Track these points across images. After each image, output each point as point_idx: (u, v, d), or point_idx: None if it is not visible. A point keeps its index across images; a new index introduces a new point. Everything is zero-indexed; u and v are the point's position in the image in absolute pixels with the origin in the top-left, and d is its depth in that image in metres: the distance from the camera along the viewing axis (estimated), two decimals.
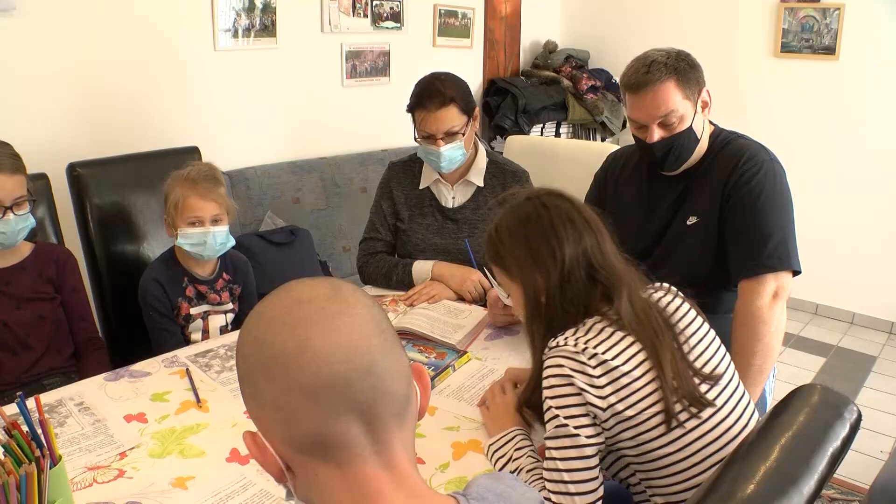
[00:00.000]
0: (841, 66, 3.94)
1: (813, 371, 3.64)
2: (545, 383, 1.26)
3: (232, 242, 2.07)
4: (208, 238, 2.01)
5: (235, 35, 3.15)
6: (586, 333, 1.26)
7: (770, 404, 1.98)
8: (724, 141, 1.92)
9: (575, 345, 1.24)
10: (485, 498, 0.78)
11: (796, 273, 1.83)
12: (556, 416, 1.23)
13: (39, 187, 2.23)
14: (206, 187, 2.01)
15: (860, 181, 3.99)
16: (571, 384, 1.22)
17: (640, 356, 1.25)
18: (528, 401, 1.42)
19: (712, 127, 1.96)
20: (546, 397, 1.26)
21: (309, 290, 0.76)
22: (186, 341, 2.06)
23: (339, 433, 0.71)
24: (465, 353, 1.85)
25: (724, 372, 1.33)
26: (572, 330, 1.28)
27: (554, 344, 1.27)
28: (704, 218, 1.89)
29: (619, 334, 1.26)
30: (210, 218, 2.01)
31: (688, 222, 1.92)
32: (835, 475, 2.68)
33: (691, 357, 1.30)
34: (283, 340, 0.72)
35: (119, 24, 2.77)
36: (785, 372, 3.51)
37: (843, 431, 0.94)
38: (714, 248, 1.89)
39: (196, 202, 1.99)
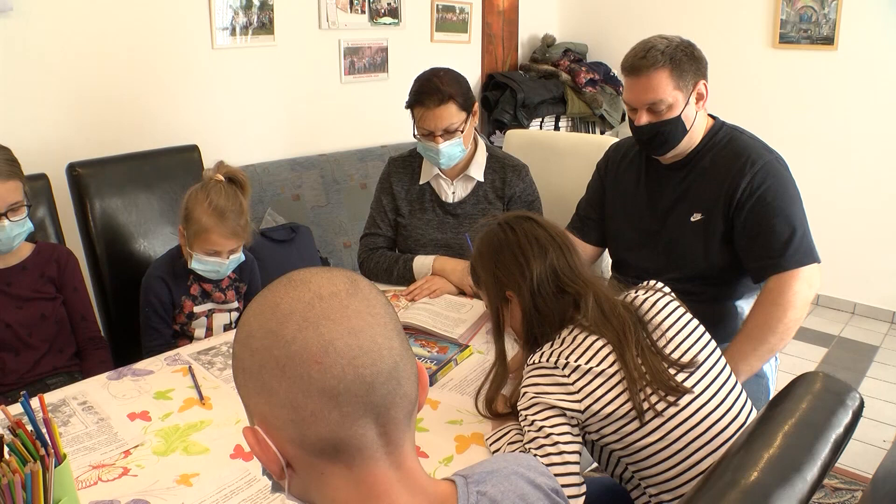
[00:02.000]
0: (839, 56, 3.93)
1: (815, 361, 3.64)
2: (522, 399, 1.34)
3: (243, 258, 2.06)
4: (222, 268, 2.00)
5: (233, 33, 3.15)
6: (561, 345, 1.35)
7: (773, 394, 1.98)
8: (725, 137, 1.94)
9: (547, 359, 1.33)
10: (485, 481, 0.77)
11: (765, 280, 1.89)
12: (533, 422, 1.30)
13: (39, 187, 2.23)
14: (230, 224, 1.94)
15: (860, 172, 3.99)
16: (546, 400, 1.30)
17: (612, 356, 1.32)
18: (490, 406, 1.50)
19: (712, 120, 1.97)
20: (522, 409, 1.34)
21: (328, 284, 0.72)
22: (189, 338, 2.06)
23: (355, 436, 0.69)
24: (467, 346, 1.86)
25: (706, 360, 1.37)
26: (549, 344, 1.37)
27: (530, 362, 1.36)
28: (708, 216, 1.91)
29: (592, 337, 1.34)
30: (228, 251, 1.99)
31: (691, 219, 1.94)
32: (838, 464, 2.70)
33: (669, 348, 1.36)
34: (304, 339, 0.68)
35: (117, 23, 2.77)
36: (787, 362, 3.51)
37: (846, 418, 0.94)
38: (717, 245, 1.92)
39: (218, 239, 1.94)
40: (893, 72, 3.79)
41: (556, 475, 1.24)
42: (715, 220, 1.90)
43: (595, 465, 1.50)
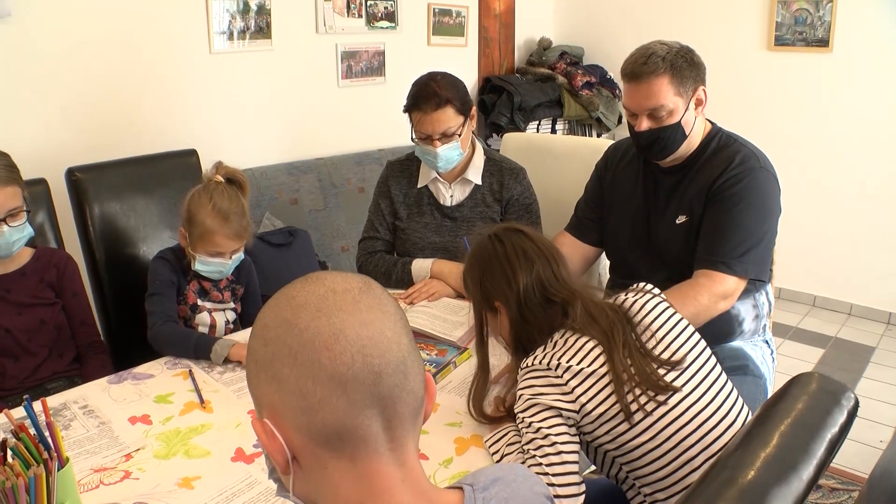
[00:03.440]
0: (835, 58, 3.95)
1: (812, 362, 3.65)
2: (519, 401, 1.37)
3: (243, 256, 2.07)
4: (225, 268, 2.02)
5: (231, 37, 3.16)
6: (553, 348, 1.37)
7: (771, 393, 2.00)
8: (721, 143, 1.96)
9: (541, 362, 1.36)
10: (489, 488, 0.78)
11: (760, 282, 1.91)
12: (530, 423, 1.32)
13: (39, 192, 2.24)
14: (233, 226, 1.95)
15: (856, 173, 4.00)
16: (543, 401, 1.32)
17: (602, 357, 1.34)
18: (478, 408, 1.52)
19: (710, 126, 1.99)
20: (519, 411, 1.36)
21: (342, 282, 0.76)
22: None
23: (361, 426, 0.71)
24: (466, 349, 1.87)
25: (695, 359, 1.39)
26: (541, 348, 1.39)
27: (524, 365, 1.38)
28: (691, 217, 1.95)
29: (583, 339, 1.37)
30: (231, 251, 2.00)
31: (677, 221, 1.96)
32: (835, 465, 2.70)
33: (658, 349, 1.38)
34: (316, 327, 0.71)
35: (115, 28, 2.78)
36: (784, 363, 3.52)
37: (841, 418, 0.95)
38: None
39: (223, 241, 1.96)
40: (888, 74, 3.82)
41: (555, 475, 1.25)
42: (696, 220, 1.93)
43: (593, 466, 1.51)
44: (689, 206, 1.94)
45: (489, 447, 1.43)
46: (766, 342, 2.09)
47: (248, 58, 3.26)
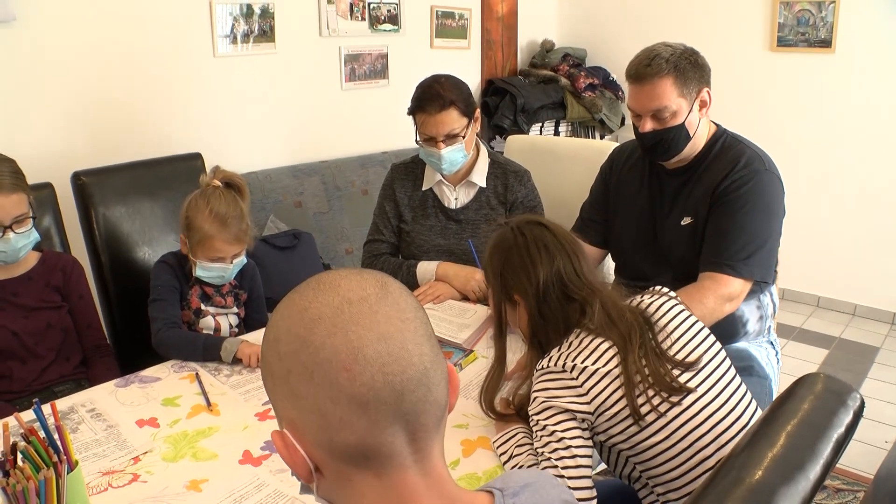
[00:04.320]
0: (837, 59, 3.95)
1: (816, 363, 3.65)
2: (533, 403, 1.37)
3: (245, 260, 2.07)
4: (226, 273, 2.02)
5: (234, 41, 3.17)
6: (568, 348, 1.37)
7: (775, 394, 2.00)
8: (725, 144, 1.96)
9: (556, 364, 1.36)
10: (519, 494, 0.77)
11: (765, 284, 1.91)
12: (544, 426, 1.33)
13: (45, 196, 2.25)
14: (232, 230, 1.95)
15: (859, 173, 4.00)
16: (558, 404, 1.33)
17: (617, 358, 1.34)
18: (489, 401, 1.52)
19: (715, 127, 2.00)
20: (533, 413, 1.36)
21: (357, 288, 0.71)
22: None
23: (384, 444, 0.68)
24: (472, 351, 1.87)
25: (710, 360, 1.40)
26: (556, 349, 1.39)
27: (539, 367, 1.38)
28: (696, 219, 1.95)
29: (598, 340, 1.37)
30: (231, 256, 2.00)
31: (682, 222, 1.97)
32: (840, 465, 2.70)
33: (674, 349, 1.38)
34: (333, 345, 0.67)
35: (119, 32, 2.79)
36: (788, 364, 3.52)
37: (847, 418, 0.96)
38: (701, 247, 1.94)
39: (222, 246, 1.96)
40: (891, 74, 3.82)
41: (570, 478, 1.26)
42: (701, 222, 1.94)
43: (603, 466, 1.51)
44: (694, 207, 1.95)
45: (497, 448, 1.43)
46: (771, 343, 2.09)
47: (252, 61, 3.27)
